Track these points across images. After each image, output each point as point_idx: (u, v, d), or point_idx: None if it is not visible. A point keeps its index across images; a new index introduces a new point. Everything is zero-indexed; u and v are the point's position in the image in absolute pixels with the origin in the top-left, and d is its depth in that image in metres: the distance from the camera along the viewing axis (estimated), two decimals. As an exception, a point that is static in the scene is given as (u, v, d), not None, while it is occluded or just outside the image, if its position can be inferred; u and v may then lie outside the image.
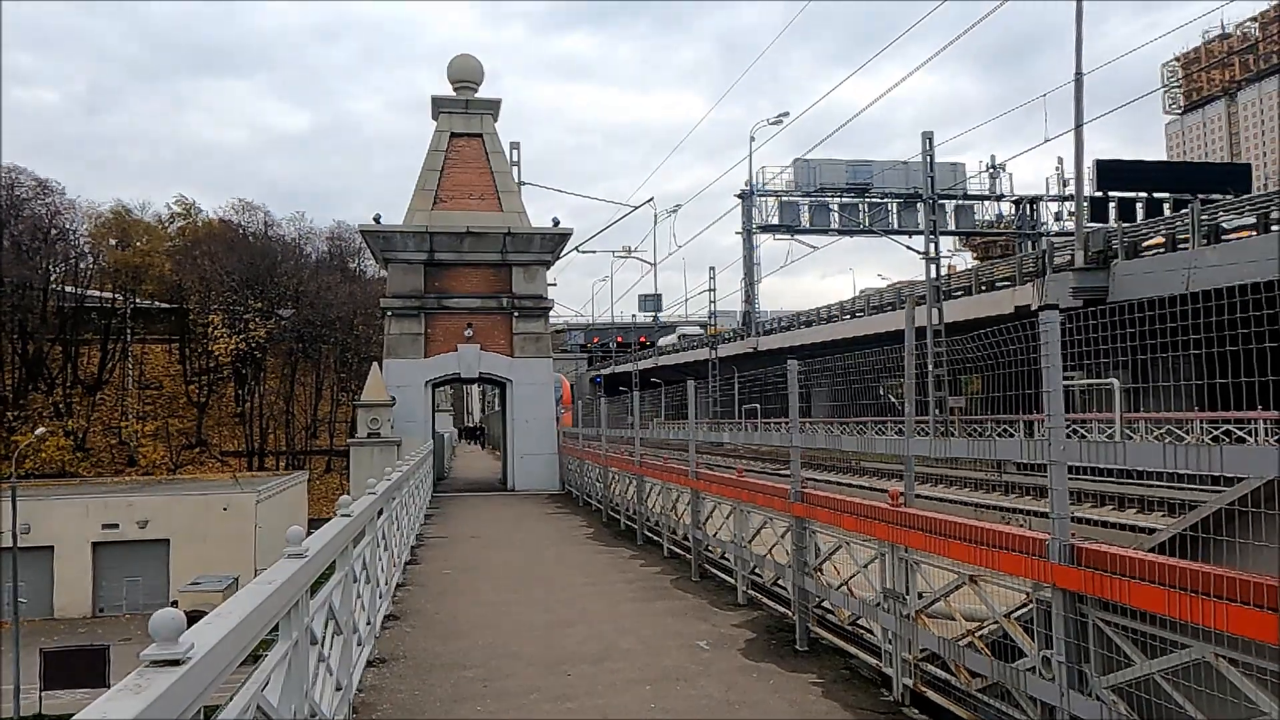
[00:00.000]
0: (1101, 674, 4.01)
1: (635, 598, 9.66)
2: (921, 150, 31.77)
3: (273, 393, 57.11)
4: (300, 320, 55.18)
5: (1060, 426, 4.26)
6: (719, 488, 9.96)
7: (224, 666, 2.40)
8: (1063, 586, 4.13)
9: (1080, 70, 25.40)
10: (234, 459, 54.54)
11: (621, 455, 16.03)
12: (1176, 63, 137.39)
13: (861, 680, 6.32)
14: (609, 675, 6.62)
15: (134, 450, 52.61)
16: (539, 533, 15.90)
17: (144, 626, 2.20)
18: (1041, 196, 48.83)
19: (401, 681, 6.55)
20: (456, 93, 26.02)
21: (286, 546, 3.83)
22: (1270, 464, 3.34)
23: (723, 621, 8.27)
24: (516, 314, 25.26)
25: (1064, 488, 4.22)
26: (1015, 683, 4.55)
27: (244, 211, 62.52)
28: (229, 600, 2.87)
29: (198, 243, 57.66)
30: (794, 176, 47.54)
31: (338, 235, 65.69)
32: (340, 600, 5.18)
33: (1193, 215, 24.75)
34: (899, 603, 5.73)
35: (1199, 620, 3.35)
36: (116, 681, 2.06)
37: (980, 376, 12.41)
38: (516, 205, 25.90)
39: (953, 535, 5.02)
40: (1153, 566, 3.60)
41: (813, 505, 7.13)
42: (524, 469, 25.07)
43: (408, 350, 24.61)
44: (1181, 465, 3.70)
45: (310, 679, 4.01)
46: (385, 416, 23.40)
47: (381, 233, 24.57)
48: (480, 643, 7.70)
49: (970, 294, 36.41)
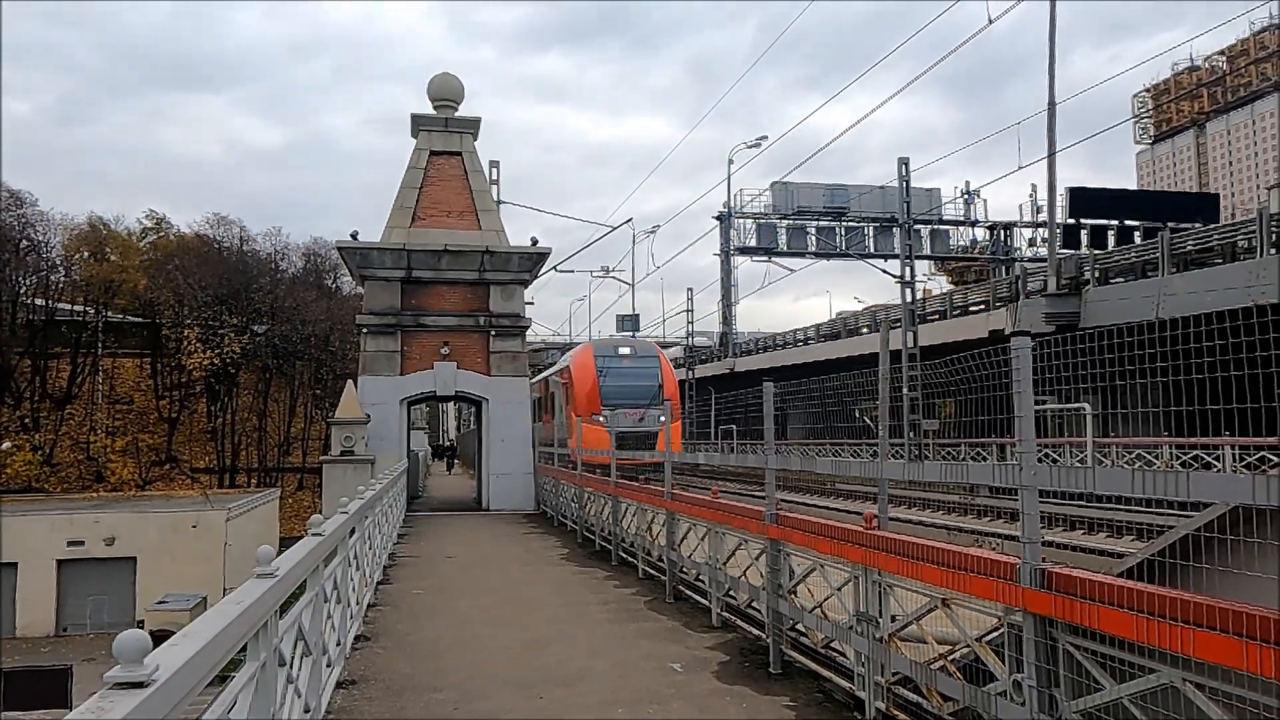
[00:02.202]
0: (1071, 698, 4.03)
1: (609, 619, 9.61)
2: (898, 175, 32.12)
3: (246, 409, 56.51)
4: (275, 336, 54.74)
5: (1032, 451, 4.30)
6: (694, 509, 9.95)
7: (190, 689, 2.36)
8: (1033, 611, 4.16)
9: (1053, 99, 25.84)
10: (205, 476, 53.81)
11: (597, 475, 15.99)
12: (1147, 94, 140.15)
13: (834, 703, 6.31)
14: (582, 697, 6.58)
15: (102, 466, 51.83)
16: (513, 553, 15.80)
17: (109, 646, 2.17)
18: (1015, 223, 49.48)
19: (371, 704, 6.47)
20: (436, 111, 26.05)
21: (256, 566, 3.79)
22: (1236, 489, 3.40)
23: (697, 644, 8.25)
24: (494, 333, 25.20)
25: (1035, 512, 4.25)
26: (986, 706, 4.56)
27: (219, 226, 62.01)
28: (196, 621, 2.84)
29: (171, 257, 57.13)
30: (772, 199, 47.88)
31: (314, 251, 65.29)
32: (310, 621, 5.12)
33: (1162, 243, 25.16)
34: (872, 626, 5.74)
35: (1167, 645, 3.39)
36: (80, 703, 2.02)
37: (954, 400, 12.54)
38: (495, 224, 25.91)
39: (925, 559, 5.04)
40: (1121, 591, 3.64)
41: (787, 528, 7.14)
42: (499, 488, 24.92)
43: (383, 368, 24.47)
44: (1150, 491, 3.74)
45: (278, 701, 3.96)
46: (359, 434, 23.20)
47: (358, 249, 24.48)
48: (452, 664, 7.63)
49: (945, 318, 36.77)
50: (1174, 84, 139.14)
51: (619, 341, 35.13)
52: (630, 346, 33.37)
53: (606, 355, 30.98)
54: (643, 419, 27.49)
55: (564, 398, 31.19)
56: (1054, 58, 25.72)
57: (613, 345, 33.19)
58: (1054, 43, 25.78)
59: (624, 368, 30.24)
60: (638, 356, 31.52)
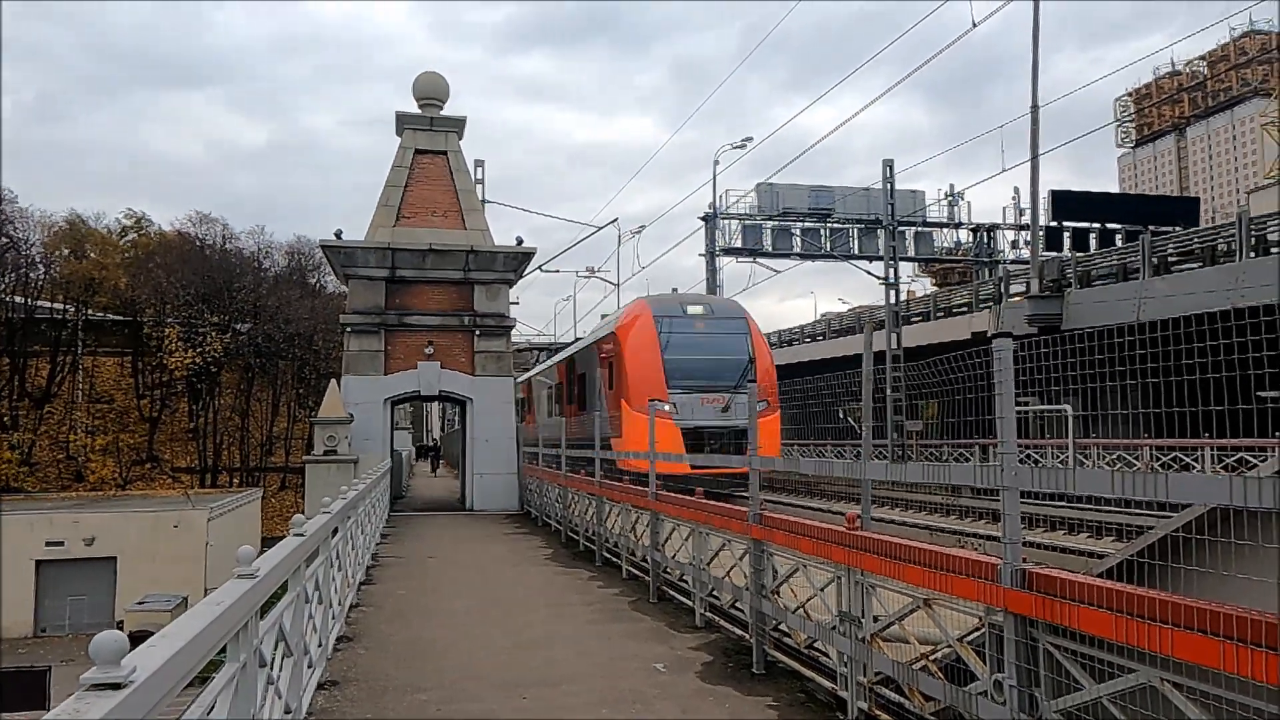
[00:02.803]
0: (1051, 698, 4.06)
1: (593, 620, 9.60)
2: (882, 177, 32.25)
3: (228, 408, 56.16)
4: (258, 335, 54.42)
5: (1013, 453, 4.33)
6: (678, 509, 9.96)
7: (168, 690, 2.35)
8: (1014, 611, 4.18)
9: (1037, 103, 26.00)
10: (186, 475, 53.44)
11: (581, 476, 15.97)
12: (1129, 98, 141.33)
13: (817, 704, 6.33)
14: (566, 698, 6.57)
15: (82, 465, 51.37)
16: (497, 553, 15.76)
17: (88, 647, 2.15)
18: (999, 225, 49.76)
19: (353, 705, 6.44)
20: (422, 110, 25.97)
21: (237, 566, 3.76)
22: (1214, 491, 3.43)
23: (680, 644, 8.25)
24: (478, 332, 25.13)
25: (1016, 513, 4.28)
26: (967, 706, 4.58)
27: (202, 224, 61.62)
28: (175, 621, 2.82)
29: (152, 255, 56.69)
30: (757, 200, 47.96)
31: (298, 250, 64.96)
32: (291, 621, 5.10)
33: (1143, 247, 25.38)
34: (855, 626, 5.76)
35: (1145, 645, 3.41)
36: (57, 705, 2.01)
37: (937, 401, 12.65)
38: (480, 223, 25.84)
39: (907, 559, 5.06)
40: (1101, 591, 3.67)
41: (770, 528, 7.15)
42: (483, 489, 24.86)
43: (367, 367, 24.36)
44: (1130, 492, 3.77)
45: (258, 702, 3.94)
46: (343, 434, 23.09)
47: (343, 248, 24.37)
48: (435, 665, 7.61)
49: (928, 319, 36.97)
50: (1155, 88, 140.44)
51: (688, 298, 24.92)
52: (705, 304, 24.21)
53: (672, 316, 22.38)
54: (727, 409, 20.48)
55: (602, 379, 23.32)
56: (1037, 63, 25.90)
57: (679, 302, 23.72)
58: (1037, 47, 25.96)
59: (698, 334, 22.08)
60: (717, 318, 22.96)
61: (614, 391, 21.99)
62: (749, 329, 22.83)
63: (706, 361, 21.55)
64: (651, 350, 21.35)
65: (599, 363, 23.68)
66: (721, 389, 20.88)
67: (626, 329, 22.49)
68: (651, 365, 21.13)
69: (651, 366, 21.10)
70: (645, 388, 20.27)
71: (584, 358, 26.19)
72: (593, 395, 24.11)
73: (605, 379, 23.00)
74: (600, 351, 23.87)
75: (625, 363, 21.54)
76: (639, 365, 21.27)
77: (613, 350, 22.60)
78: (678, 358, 21.25)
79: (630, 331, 22.26)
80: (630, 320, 22.86)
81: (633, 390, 20.76)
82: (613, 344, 22.73)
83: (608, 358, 22.89)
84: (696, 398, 20.21)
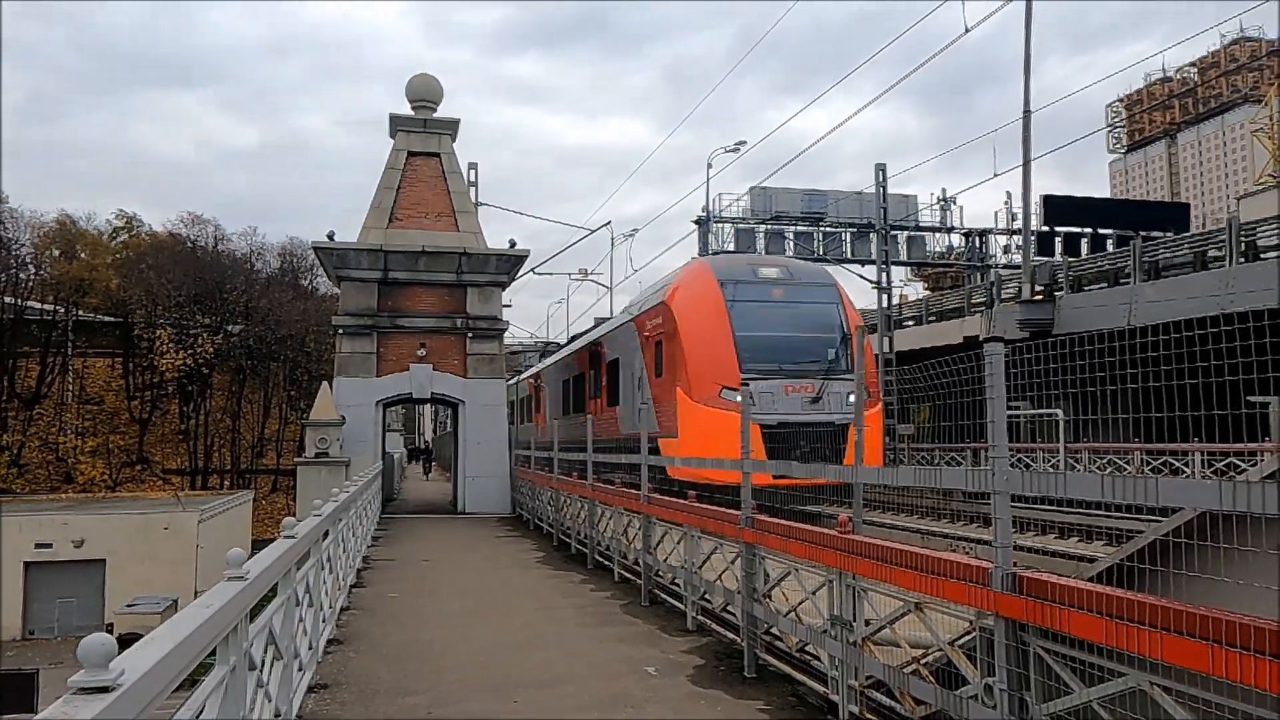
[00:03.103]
0: (1042, 701, 4.07)
1: (585, 623, 9.59)
2: (875, 181, 32.34)
3: (219, 410, 55.96)
4: (250, 336, 54.26)
5: (1004, 457, 4.34)
6: (670, 513, 9.95)
7: (157, 693, 2.34)
8: (1005, 615, 4.19)
9: (1029, 108, 26.11)
10: (177, 477, 53.23)
11: (573, 479, 15.95)
12: (1120, 104, 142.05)
13: (808, 707, 6.33)
14: (557, 701, 6.56)
15: (71, 467, 51.13)
16: (489, 556, 15.73)
17: (76, 650, 2.14)
18: (990, 230, 49.90)
19: (344, 708, 6.42)
20: (415, 112, 25.96)
21: (227, 569, 3.75)
22: (1203, 495, 3.44)
23: (672, 647, 8.25)
24: (471, 335, 25.11)
25: (1007, 517, 4.29)
26: (958, 710, 4.59)
27: (194, 225, 61.45)
28: (164, 624, 2.80)
29: (143, 256, 56.49)
30: (750, 203, 48.02)
31: (290, 251, 64.84)
32: (281, 624, 5.08)
33: (1134, 252, 25.49)
34: (846, 629, 5.76)
35: (1135, 649, 3.42)
36: (45, 708, 2.00)
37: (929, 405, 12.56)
38: (473, 226, 25.83)
39: (899, 563, 5.07)
40: (1091, 596, 3.68)
41: (762, 531, 7.16)
42: (475, 491, 24.83)
43: (359, 369, 24.32)
44: (1120, 496, 3.79)
45: (248, 705, 3.92)
46: (334, 436, 23.05)
47: (335, 250, 24.33)
48: (426, 668, 7.59)
49: (920, 323, 37.08)
50: (1146, 94, 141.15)
51: (758, 259, 20.93)
52: (781, 266, 19.13)
53: (741, 281, 17.60)
54: (819, 399, 16.31)
55: (645, 365, 18.79)
56: (1029, 67, 26.02)
57: (749, 264, 18.99)
58: (1029, 51, 26.07)
59: (777, 304, 17.44)
60: (798, 283, 18.04)
61: (664, 379, 17.43)
62: (840, 297, 18.16)
63: (790, 338, 16.99)
64: (717, 323, 16.69)
65: (640, 345, 19.03)
66: (811, 374, 16.55)
67: (682, 298, 17.67)
68: (718, 342, 16.46)
69: (719, 344, 16.43)
70: (711, 372, 15.97)
71: (617, 341, 21.43)
72: (629, 386, 19.69)
73: (650, 364, 18.38)
74: (642, 330, 19.02)
75: (682, 340, 16.84)
76: (701, 343, 16.66)
77: (662, 326, 17.80)
78: (753, 333, 16.64)
79: (688, 301, 17.48)
80: (687, 287, 17.92)
81: (694, 376, 16.34)
82: (662, 318, 17.85)
83: (654, 336, 18.18)
84: (779, 385, 15.81)
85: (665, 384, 17.35)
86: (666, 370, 17.40)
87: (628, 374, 19.80)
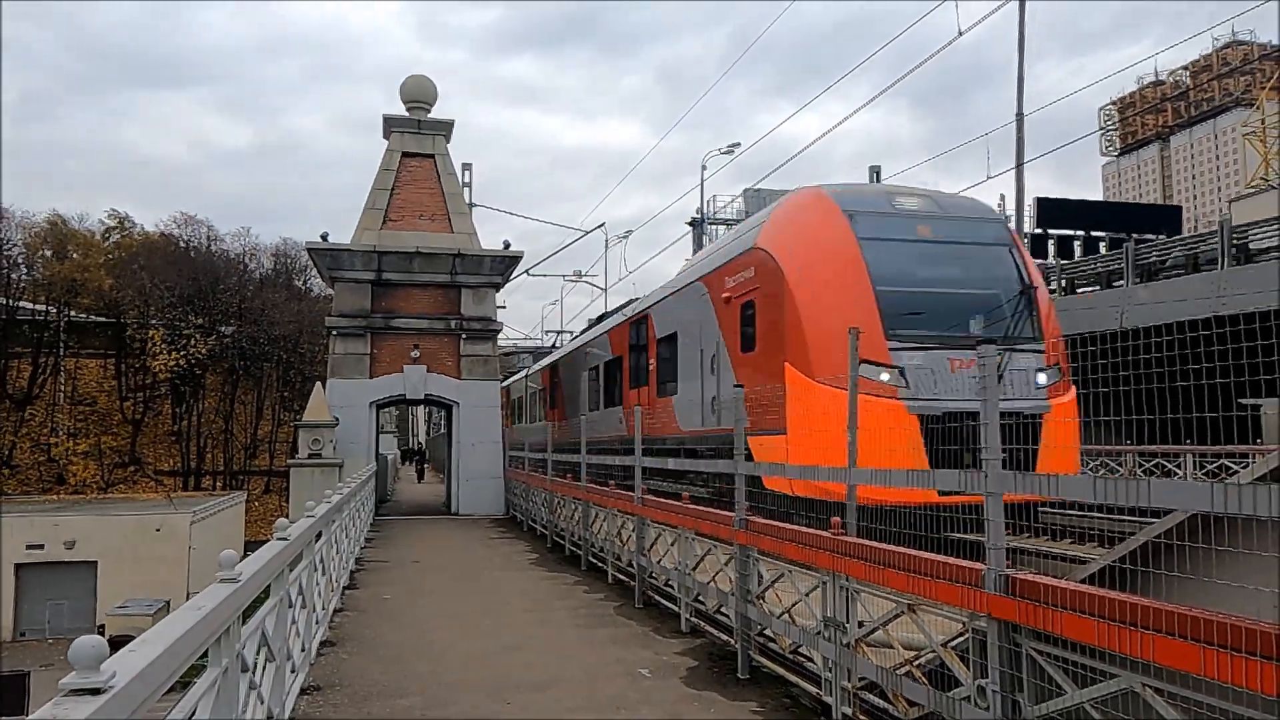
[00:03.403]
0: (1034, 703, 4.08)
1: (578, 625, 9.59)
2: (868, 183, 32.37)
3: (212, 411, 55.78)
4: (243, 337, 54.11)
5: (997, 459, 4.35)
6: (664, 514, 9.95)
7: (148, 695, 2.33)
8: (998, 616, 4.20)
9: (1021, 110, 26.17)
10: (169, 478, 53.02)
11: (568, 480, 15.94)
12: (1113, 107, 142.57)
13: (802, 709, 6.34)
14: (550, 703, 6.55)
15: (63, 468, 50.90)
16: (482, 558, 15.72)
17: (67, 652, 2.13)
18: (984, 232, 50.03)
19: (336, 710, 6.40)
20: (409, 112, 25.93)
21: (219, 570, 3.74)
22: (1195, 497, 3.45)
23: (665, 649, 8.25)
24: (465, 336, 25.08)
25: (1000, 519, 4.30)
26: (951, 711, 4.60)
27: (186, 225, 61.28)
28: (156, 626, 2.80)
29: (136, 256, 56.30)
30: (744, 205, 48.10)
31: (284, 252, 64.68)
32: (274, 626, 5.07)
33: (1126, 254, 25.57)
34: (839, 631, 5.77)
35: (1127, 650, 3.43)
36: (36, 710, 1.99)
37: (924, 407, 12.07)
38: (467, 227, 25.81)
39: (892, 564, 5.08)
40: (1083, 597, 3.69)
41: (756, 533, 7.16)
42: (469, 492, 24.80)
43: (353, 370, 24.28)
44: (1112, 498, 3.80)
45: (240, 707, 3.91)
46: (328, 437, 23.00)
47: (329, 251, 24.29)
48: (419, 670, 7.57)
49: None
50: (1139, 97, 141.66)
51: (894, 187, 15.03)
52: (924, 196, 13.30)
53: (877, 213, 12.43)
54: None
55: (726, 335, 13.70)
56: (1023, 70, 26.08)
57: (882, 194, 13.64)
58: (1022, 56, 26.14)
59: (927, 245, 12.26)
60: (953, 218, 12.79)
61: (758, 355, 12.55)
62: (1012, 237, 13.27)
63: (950, 295, 11.89)
64: (849, 271, 11.51)
65: (715, 310, 14.04)
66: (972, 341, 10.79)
67: (788, 238, 12.51)
68: (851, 298, 11.29)
69: (851, 300, 11.25)
70: (837, 340, 9.40)
71: (673, 310, 16.43)
72: (694, 369, 14.84)
73: (732, 335, 13.37)
74: (718, 289, 13.98)
75: (792, 296, 11.71)
76: (823, 299, 11.53)
77: (755, 281, 12.75)
78: (899, 287, 11.56)
79: (799, 241, 12.38)
80: (794, 222, 12.79)
81: (813, 343, 11.27)
82: (755, 269, 12.79)
83: (744, 294, 13.07)
84: (941, 359, 10.92)
85: (762, 358, 12.38)
86: (763, 342, 12.40)
87: (691, 353, 15.10)
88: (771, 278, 12.20)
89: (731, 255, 13.86)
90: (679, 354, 15.80)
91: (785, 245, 12.33)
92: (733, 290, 13.45)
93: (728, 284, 13.64)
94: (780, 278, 11.97)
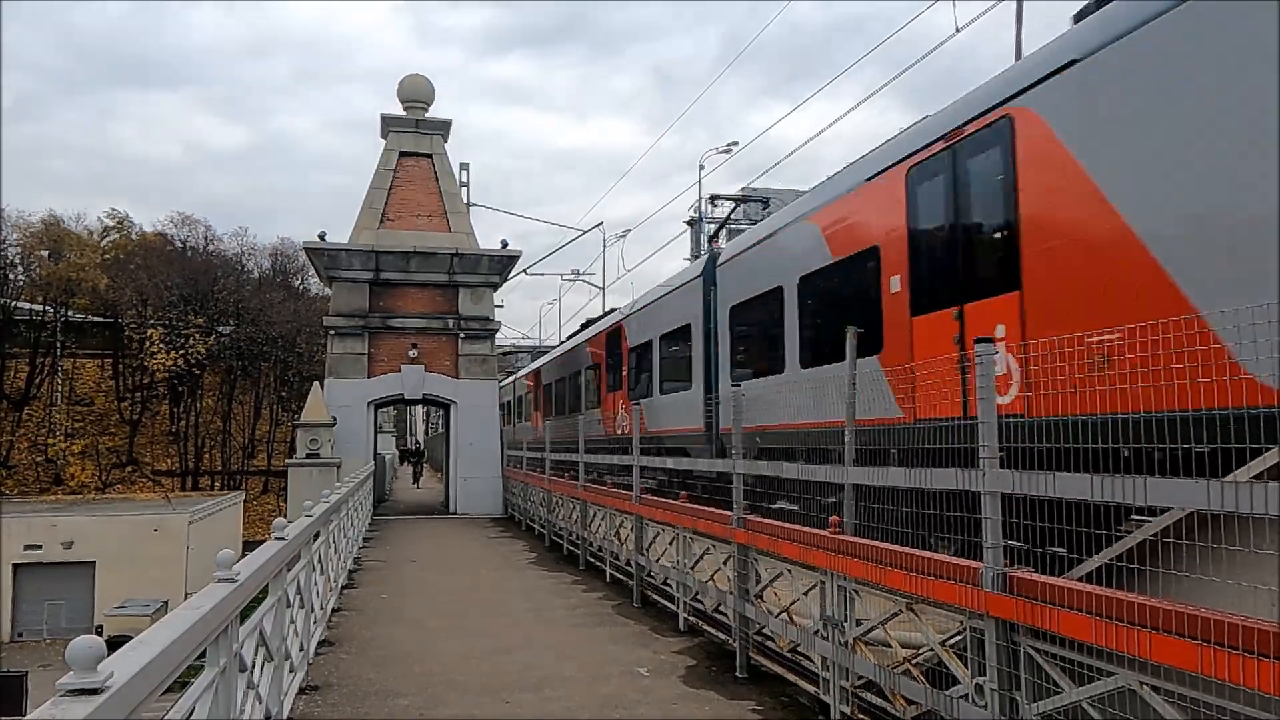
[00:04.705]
0: (1032, 701, 4.08)
1: (577, 624, 9.59)
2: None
3: (209, 411, 55.72)
4: (241, 337, 54.07)
5: (994, 457, 4.35)
6: (662, 513, 9.96)
7: (145, 695, 2.33)
8: (995, 615, 4.20)
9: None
10: (167, 479, 52.97)
11: (565, 480, 15.95)
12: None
13: (800, 707, 6.34)
14: (548, 703, 6.55)
15: (61, 468, 50.84)
16: (480, 557, 15.71)
17: (65, 651, 2.13)
18: (982, 231, 50.09)
19: (334, 710, 6.40)
20: (407, 112, 25.91)
21: (217, 570, 3.74)
22: (1192, 495, 3.45)
23: (664, 648, 8.25)
24: (462, 335, 25.08)
25: (998, 517, 4.30)
26: (949, 710, 4.60)
27: (184, 225, 61.24)
28: (153, 626, 2.80)
29: (133, 256, 56.24)
30: (744, 211, 48.08)
31: (281, 252, 64.64)
32: (272, 626, 5.07)
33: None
34: (837, 630, 5.77)
35: (1124, 649, 3.44)
36: (34, 710, 1.99)
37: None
38: (465, 226, 25.80)
39: (890, 563, 5.08)
40: (1081, 595, 3.69)
41: (754, 532, 7.16)
42: (467, 492, 24.80)
43: (350, 370, 24.26)
44: (1110, 496, 3.80)
45: (238, 707, 3.91)
46: (326, 437, 22.98)
47: (326, 250, 24.27)
48: (417, 669, 7.57)
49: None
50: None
51: None
52: None
53: None
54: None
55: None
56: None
57: None
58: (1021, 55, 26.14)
59: None
60: None
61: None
62: None
63: None
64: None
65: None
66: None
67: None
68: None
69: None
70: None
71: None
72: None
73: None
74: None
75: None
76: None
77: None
78: None
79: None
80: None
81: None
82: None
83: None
84: None
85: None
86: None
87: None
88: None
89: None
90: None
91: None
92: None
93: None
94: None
